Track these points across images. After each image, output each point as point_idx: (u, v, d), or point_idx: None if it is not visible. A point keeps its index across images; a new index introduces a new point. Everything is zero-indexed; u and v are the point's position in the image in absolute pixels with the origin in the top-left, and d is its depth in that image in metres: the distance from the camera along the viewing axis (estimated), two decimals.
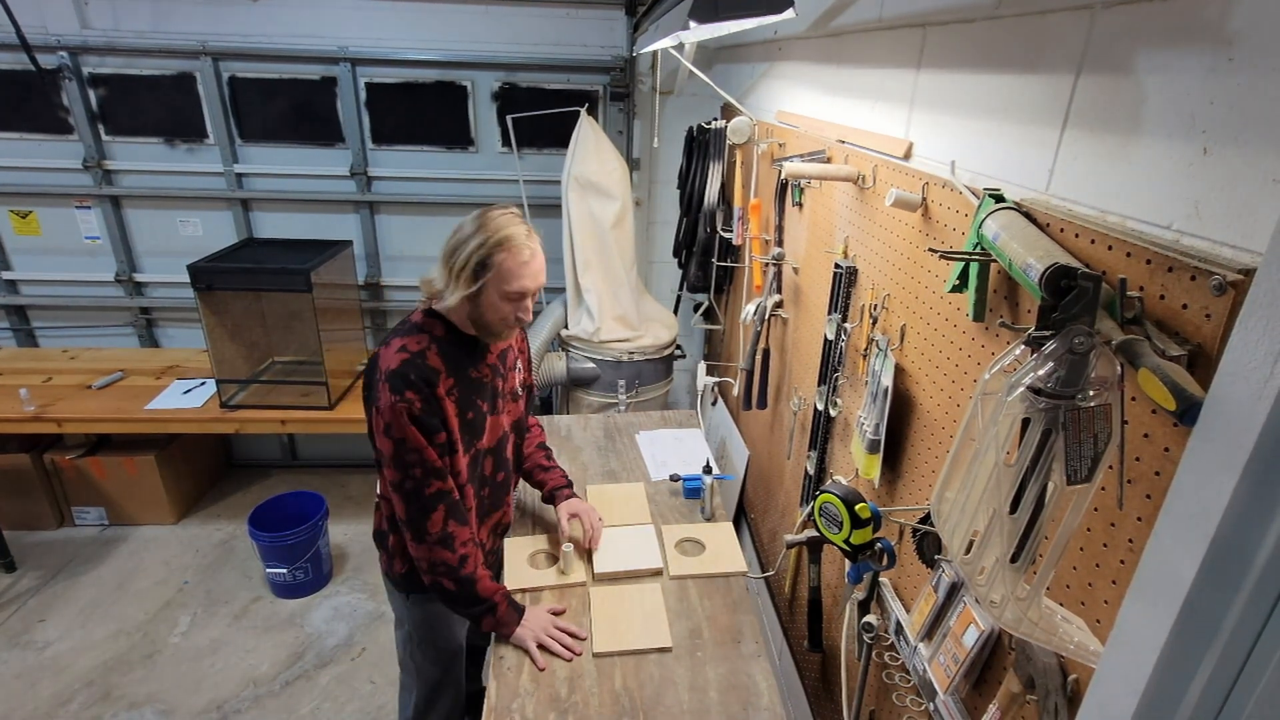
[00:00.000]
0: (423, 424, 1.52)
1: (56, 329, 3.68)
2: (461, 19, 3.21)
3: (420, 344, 1.56)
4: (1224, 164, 0.70)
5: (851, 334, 1.65)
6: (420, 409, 1.51)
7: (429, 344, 1.56)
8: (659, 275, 3.83)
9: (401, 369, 1.51)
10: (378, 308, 3.72)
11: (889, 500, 1.47)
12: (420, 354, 1.54)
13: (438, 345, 1.57)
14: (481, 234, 1.48)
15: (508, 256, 1.48)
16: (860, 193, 1.60)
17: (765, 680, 1.53)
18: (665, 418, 2.67)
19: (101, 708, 2.53)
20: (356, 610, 3.02)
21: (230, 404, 3.14)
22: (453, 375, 1.58)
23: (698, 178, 2.87)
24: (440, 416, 1.56)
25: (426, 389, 1.52)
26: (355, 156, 3.38)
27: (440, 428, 1.56)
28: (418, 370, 1.52)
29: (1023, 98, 1.04)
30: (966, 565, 0.89)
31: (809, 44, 2.04)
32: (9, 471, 3.29)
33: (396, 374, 1.50)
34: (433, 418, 1.54)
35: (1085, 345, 0.74)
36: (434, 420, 1.54)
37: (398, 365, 1.51)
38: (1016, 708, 0.99)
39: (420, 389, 1.51)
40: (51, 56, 3.09)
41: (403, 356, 1.52)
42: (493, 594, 1.62)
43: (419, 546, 1.58)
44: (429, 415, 1.53)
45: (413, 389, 1.50)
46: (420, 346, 1.55)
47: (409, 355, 1.53)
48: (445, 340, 1.59)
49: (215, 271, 2.93)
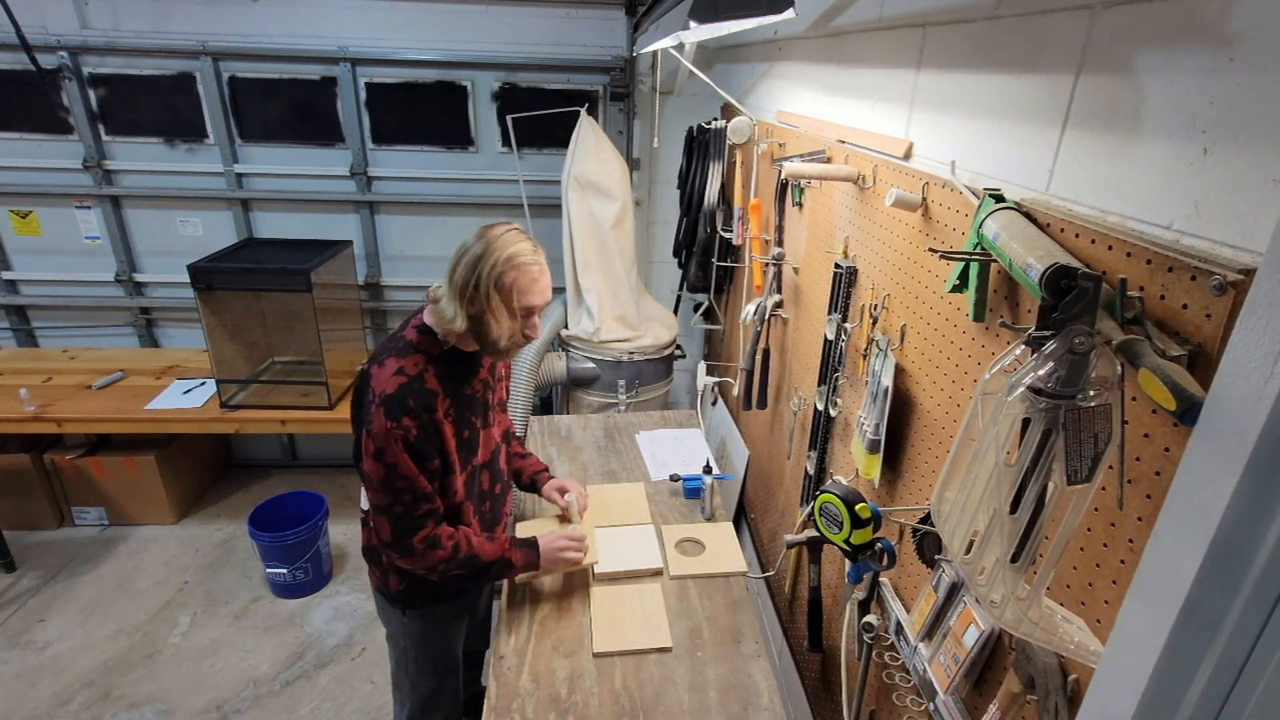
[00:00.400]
0: (417, 451, 1.48)
1: (56, 329, 3.68)
2: (461, 19, 3.21)
3: (418, 365, 1.51)
4: (1224, 164, 0.70)
5: (851, 334, 1.65)
6: (416, 436, 1.47)
7: (426, 365, 1.52)
8: (659, 275, 3.83)
9: (399, 394, 1.46)
10: (378, 308, 3.72)
11: (889, 500, 1.47)
12: (418, 377, 1.50)
13: (435, 366, 1.53)
14: (489, 253, 1.45)
15: (518, 275, 1.46)
16: (860, 193, 1.60)
17: (765, 680, 1.53)
18: (665, 418, 2.67)
19: (101, 708, 2.53)
20: (356, 610, 3.02)
21: (230, 404, 3.14)
22: (450, 396, 1.55)
23: (698, 178, 2.87)
24: (437, 442, 1.52)
25: (425, 414, 1.48)
26: (355, 156, 3.38)
27: (435, 454, 1.52)
28: (416, 396, 1.47)
29: (1023, 98, 1.04)
30: (966, 565, 0.89)
31: (809, 44, 2.04)
32: (9, 471, 3.29)
33: (394, 399, 1.45)
34: (428, 445, 1.50)
35: (1085, 345, 0.74)
36: (429, 448, 1.50)
37: (395, 390, 1.46)
38: (1017, 708, 0.99)
39: (419, 415, 1.47)
40: (51, 56, 3.09)
41: (400, 380, 1.47)
42: (500, 552, 1.62)
43: (409, 560, 1.56)
44: (424, 443, 1.49)
45: (410, 416, 1.46)
46: (418, 369, 1.51)
47: (406, 379, 1.48)
48: (441, 359, 1.55)
49: (215, 271, 2.93)
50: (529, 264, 1.47)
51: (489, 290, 1.45)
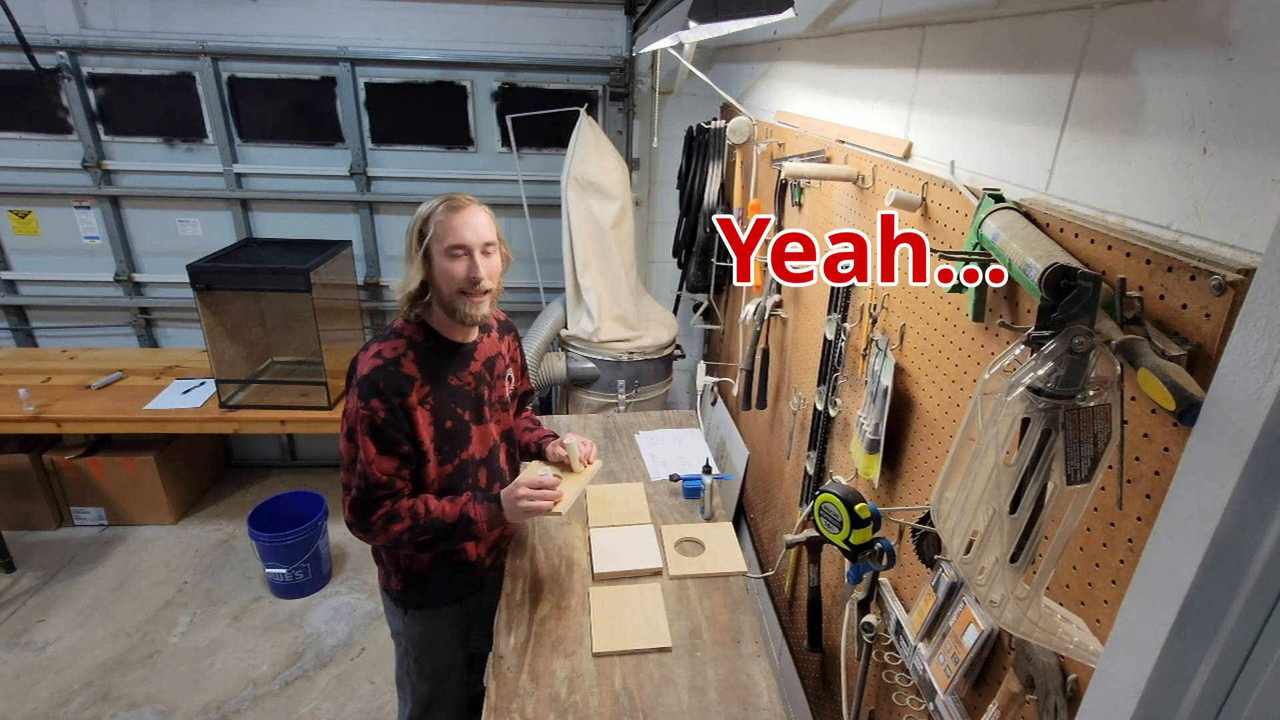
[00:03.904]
0: (382, 435, 1.50)
1: (56, 329, 3.68)
2: (461, 19, 3.21)
3: (396, 350, 1.53)
4: (1223, 164, 0.70)
5: (851, 334, 1.65)
6: (383, 419, 1.48)
7: (405, 350, 1.54)
8: (659, 275, 3.83)
9: (373, 376, 1.49)
10: (377, 308, 3.72)
11: (889, 500, 1.47)
12: (394, 361, 1.52)
13: (415, 352, 1.55)
14: (420, 212, 1.52)
15: (445, 214, 1.50)
16: (860, 193, 1.60)
17: (765, 680, 1.53)
18: (665, 418, 2.67)
19: (101, 708, 2.53)
20: (356, 610, 3.02)
21: (229, 404, 3.14)
22: (429, 383, 1.55)
23: (697, 178, 2.87)
24: (405, 429, 1.53)
25: (395, 399, 1.49)
26: (355, 156, 3.38)
27: (403, 440, 1.53)
28: (388, 378, 1.49)
29: (1022, 98, 1.04)
30: (966, 565, 0.89)
31: (808, 44, 2.04)
32: (8, 471, 3.29)
33: (367, 380, 1.48)
34: (395, 430, 1.51)
35: (1085, 345, 0.74)
36: (396, 433, 1.51)
37: (369, 372, 1.49)
38: (1016, 707, 0.99)
39: (387, 398, 1.48)
40: (51, 56, 3.09)
41: (376, 363, 1.50)
42: (461, 510, 1.59)
43: (372, 537, 1.56)
44: (391, 427, 1.50)
45: (379, 398, 1.48)
46: (396, 353, 1.53)
47: (382, 362, 1.50)
48: (425, 346, 1.57)
49: (215, 271, 2.93)
50: (455, 203, 1.52)
51: (420, 237, 1.50)
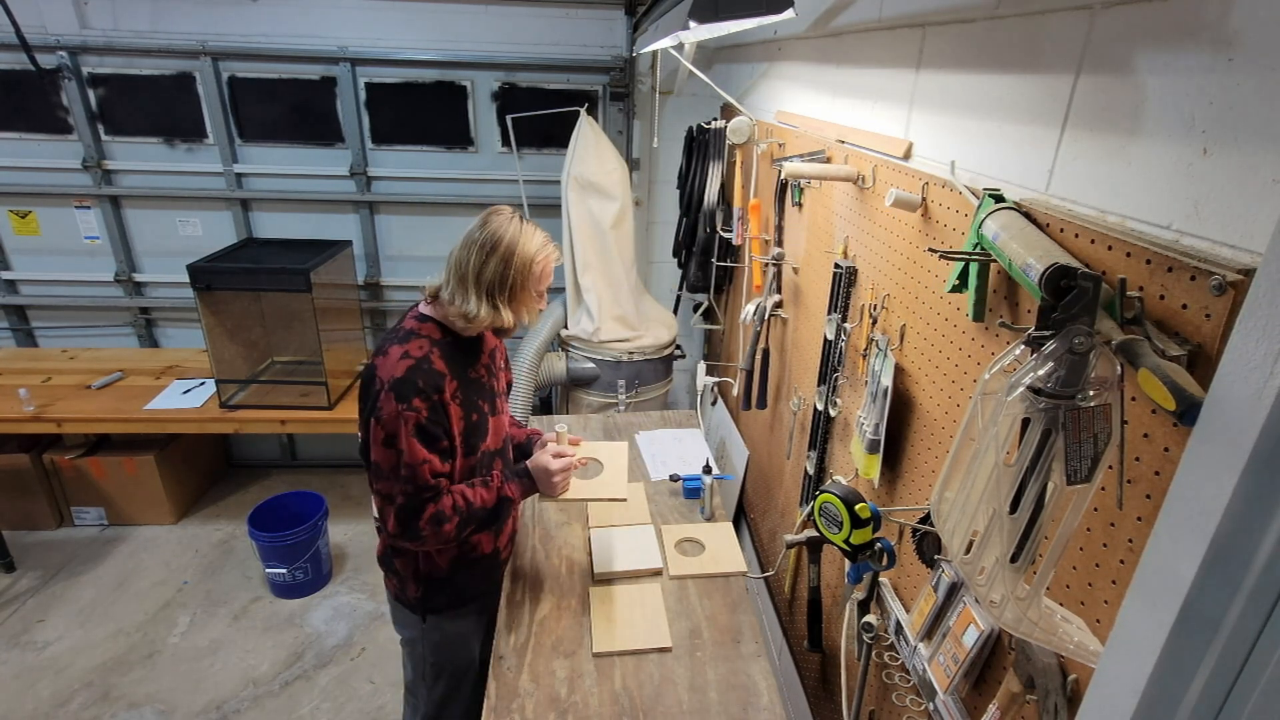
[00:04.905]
0: (427, 433, 1.49)
1: (56, 329, 3.68)
2: (461, 19, 3.21)
3: (422, 349, 1.53)
4: (1224, 164, 0.70)
5: (851, 334, 1.65)
6: (427, 417, 1.48)
7: (430, 348, 1.54)
8: (659, 275, 3.83)
9: (409, 376, 1.47)
10: (377, 308, 3.72)
11: (889, 500, 1.47)
12: (425, 359, 1.51)
13: (439, 349, 1.55)
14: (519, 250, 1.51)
15: (546, 264, 1.56)
16: (860, 193, 1.60)
17: (765, 680, 1.53)
18: (665, 418, 2.67)
19: (101, 708, 2.53)
20: (356, 610, 3.02)
21: (230, 404, 3.14)
22: (456, 378, 1.56)
23: (697, 178, 2.87)
24: (445, 424, 1.53)
25: (435, 395, 1.50)
26: (355, 156, 3.38)
27: (444, 436, 1.54)
28: (425, 376, 1.49)
29: (1022, 98, 1.04)
30: (966, 565, 0.89)
31: (808, 44, 2.04)
32: (8, 471, 3.29)
33: (404, 381, 1.47)
34: (437, 426, 1.51)
35: (1085, 345, 0.74)
36: (438, 429, 1.52)
37: (403, 373, 1.47)
38: (1016, 708, 0.99)
39: (428, 396, 1.48)
40: (51, 56, 3.09)
41: (408, 364, 1.49)
42: (498, 494, 1.62)
43: (421, 543, 1.55)
44: (434, 424, 1.50)
45: (420, 396, 1.47)
46: (423, 352, 1.52)
47: (414, 361, 1.50)
48: (445, 343, 1.58)
49: (215, 271, 2.93)
50: (552, 253, 1.58)
51: (522, 283, 1.53)
